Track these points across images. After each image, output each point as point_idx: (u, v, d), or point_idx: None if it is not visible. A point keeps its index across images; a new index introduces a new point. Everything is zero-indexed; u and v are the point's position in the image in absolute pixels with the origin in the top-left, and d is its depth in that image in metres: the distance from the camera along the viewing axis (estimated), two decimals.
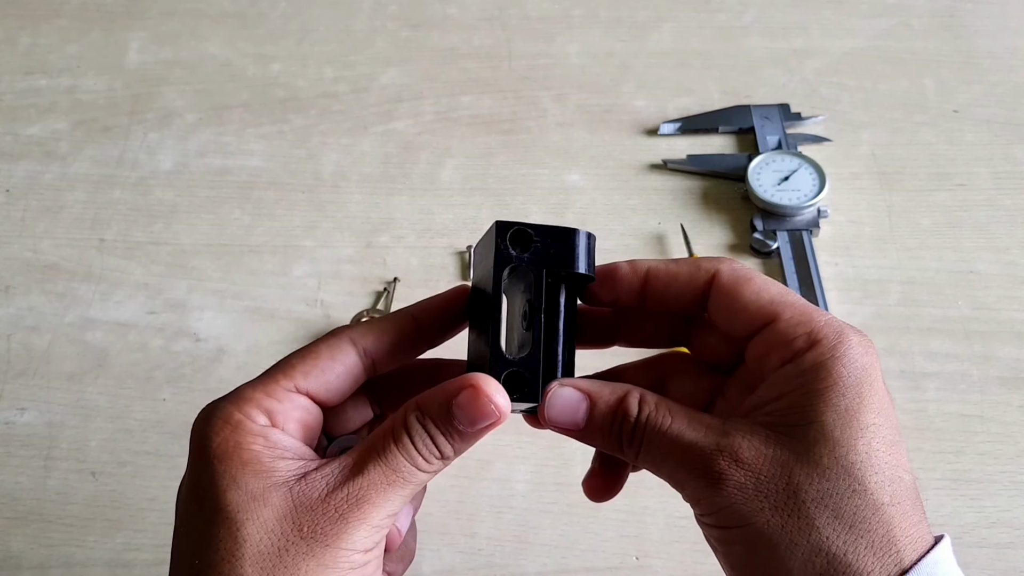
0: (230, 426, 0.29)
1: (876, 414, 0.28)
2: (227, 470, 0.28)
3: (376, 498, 0.29)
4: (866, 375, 0.29)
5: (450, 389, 0.30)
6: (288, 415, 0.30)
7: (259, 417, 0.30)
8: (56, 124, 0.67)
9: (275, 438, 0.30)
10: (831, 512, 0.27)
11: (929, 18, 0.73)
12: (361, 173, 0.64)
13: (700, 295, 0.32)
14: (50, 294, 0.57)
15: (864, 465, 0.28)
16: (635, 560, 0.45)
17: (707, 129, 0.65)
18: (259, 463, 0.29)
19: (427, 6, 0.76)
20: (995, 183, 0.61)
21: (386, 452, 0.29)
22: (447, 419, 0.30)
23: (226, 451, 0.29)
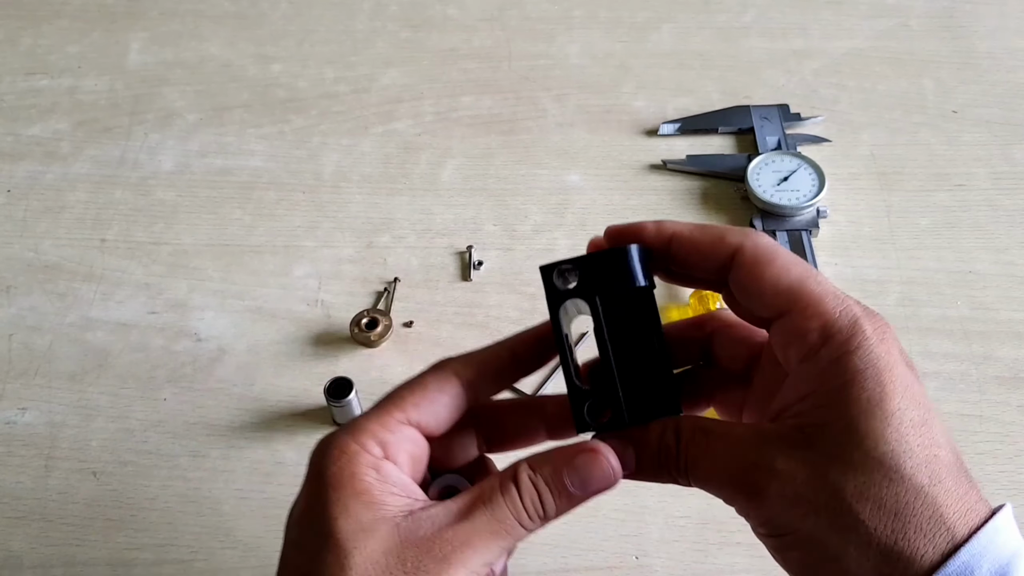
0: (346, 456, 0.31)
1: (900, 399, 0.29)
2: (340, 498, 0.30)
3: (478, 544, 0.30)
4: (883, 362, 0.29)
5: (567, 451, 0.32)
6: (400, 447, 0.32)
7: (374, 448, 0.31)
8: (57, 124, 0.68)
9: (387, 471, 0.31)
10: (873, 504, 0.28)
11: (928, 19, 0.73)
12: (362, 173, 0.64)
13: (722, 267, 0.32)
14: (51, 294, 0.57)
15: (896, 454, 0.28)
16: (635, 559, 0.45)
17: (707, 129, 0.66)
18: (370, 495, 0.30)
19: (427, 7, 0.76)
20: (994, 183, 0.62)
21: (493, 502, 0.31)
22: (558, 479, 0.31)
23: (341, 480, 0.30)
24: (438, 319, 0.55)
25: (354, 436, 0.31)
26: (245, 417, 0.51)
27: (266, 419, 0.51)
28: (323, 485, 0.30)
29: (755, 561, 0.45)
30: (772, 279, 0.31)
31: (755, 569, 0.45)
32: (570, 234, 0.60)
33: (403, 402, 0.32)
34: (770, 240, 0.32)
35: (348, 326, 0.55)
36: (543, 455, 0.32)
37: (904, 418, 0.28)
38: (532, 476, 0.31)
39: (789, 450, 0.29)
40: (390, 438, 0.31)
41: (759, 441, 0.30)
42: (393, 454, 0.31)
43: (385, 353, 0.54)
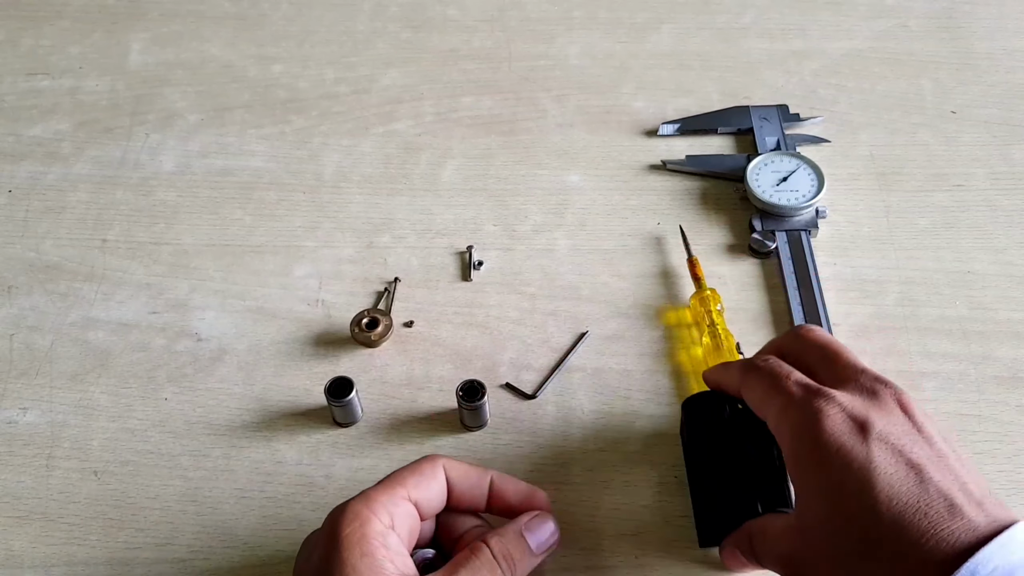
0: (360, 520, 0.36)
1: (838, 472, 0.35)
2: (350, 558, 0.35)
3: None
4: (799, 444, 0.37)
5: (518, 520, 0.40)
6: (403, 521, 0.37)
7: (384, 518, 0.36)
8: (58, 125, 0.68)
9: (391, 541, 0.36)
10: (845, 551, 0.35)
11: (927, 20, 0.73)
12: (362, 174, 0.64)
13: None
14: (52, 294, 0.57)
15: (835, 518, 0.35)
16: (635, 559, 0.45)
17: (706, 130, 0.66)
18: (374, 558, 0.35)
19: (427, 8, 0.76)
20: (993, 183, 0.62)
21: (469, 562, 0.37)
22: (519, 540, 0.39)
23: (353, 540, 0.35)
24: (438, 319, 0.56)
25: (368, 505, 0.36)
26: (246, 417, 0.51)
27: (267, 419, 0.51)
28: (337, 543, 0.35)
29: None
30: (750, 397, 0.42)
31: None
32: (570, 234, 0.60)
33: (406, 482, 0.38)
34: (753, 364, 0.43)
35: (348, 326, 0.55)
36: (503, 528, 0.40)
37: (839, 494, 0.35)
38: (500, 540, 0.38)
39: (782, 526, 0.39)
40: (396, 511, 0.37)
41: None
42: (398, 526, 0.37)
43: (385, 353, 0.54)
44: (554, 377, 0.52)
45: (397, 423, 0.51)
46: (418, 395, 0.52)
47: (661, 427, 0.50)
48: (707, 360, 0.52)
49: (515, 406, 0.51)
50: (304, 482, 0.49)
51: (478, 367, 0.53)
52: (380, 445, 0.50)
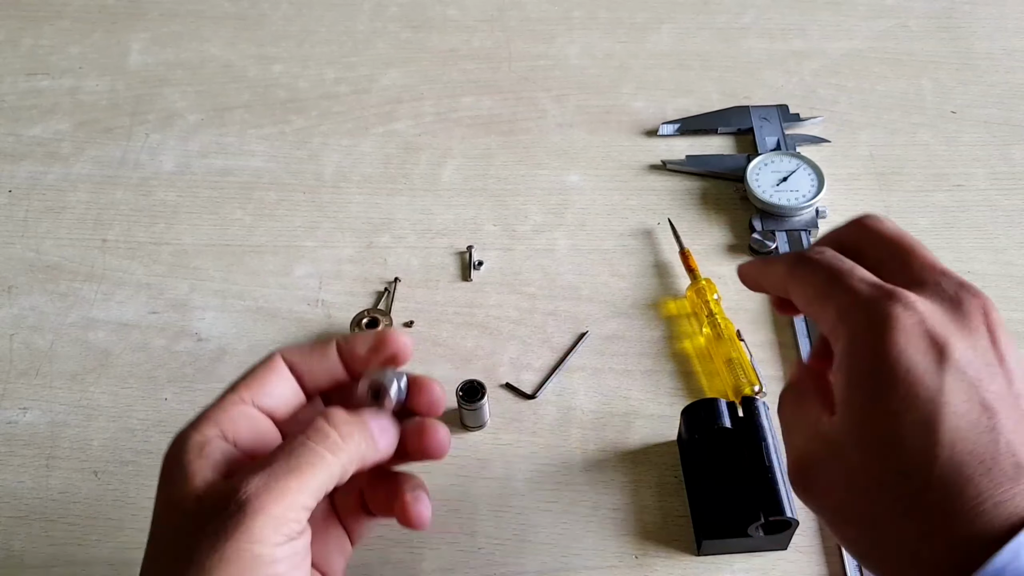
0: (175, 442, 0.32)
1: (900, 398, 0.29)
2: (163, 479, 0.32)
3: (281, 492, 0.30)
4: (859, 354, 0.30)
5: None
6: (237, 427, 0.33)
7: (209, 429, 0.32)
8: (58, 125, 0.68)
9: (213, 449, 0.32)
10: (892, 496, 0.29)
11: (927, 20, 0.73)
12: (362, 174, 0.64)
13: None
14: (52, 294, 0.57)
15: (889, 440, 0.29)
16: (635, 559, 0.45)
17: (706, 130, 0.66)
18: (186, 471, 0.31)
19: (427, 8, 0.76)
20: (993, 183, 0.62)
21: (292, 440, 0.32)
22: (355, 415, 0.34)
23: (166, 464, 0.32)
24: (438, 319, 0.56)
25: (193, 424, 0.33)
26: None
27: None
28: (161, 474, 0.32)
29: (755, 561, 0.45)
30: (801, 295, 0.33)
31: (755, 569, 0.45)
32: (570, 234, 0.60)
33: (237, 388, 0.34)
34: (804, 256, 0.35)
35: (348, 326, 0.55)
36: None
37: (896, 424, 0.29)
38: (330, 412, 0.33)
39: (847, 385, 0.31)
40: (225, 419, 0.33)
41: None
42: (231, 431, 0.33)
43: None
44: (554, 377, 0.52)
45: None
46: None
47: (661, 427, 0.50)
48: (710, 349, 0.52)
49: (515, 406, 0.51)
50: None
51: (478, 367, 0.53)
52: None
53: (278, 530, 0.29)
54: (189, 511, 0.30)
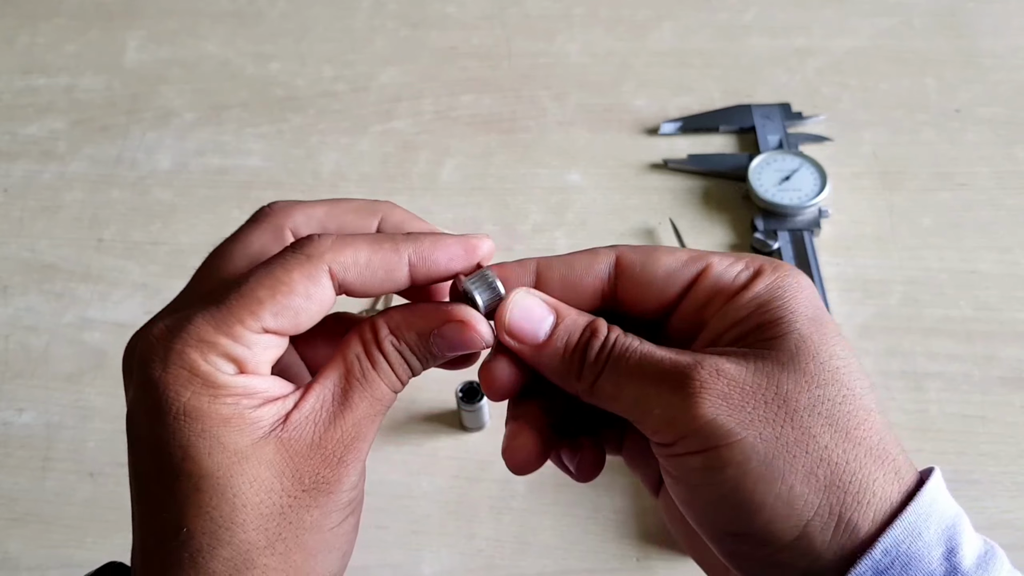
0: (199, 379, 0.25)
1: (834, 324, 0.27)
2: (205, 428, 0.25)
3: (367, 431, 0.27)
4: (814, 292, 0.28)
5: (432, 316, 0.28)
6: (258, 359, 0.27)
7: (226, 366, 0.26)
8: (54, 123, 0.67)
9: (251, 386, 0.26)
10: (826, 420, 0.25)
11: (930, 17, 0.73)
12: (360, 172, 0.63)
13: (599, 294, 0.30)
14: (48, 294, 0.57)
15: (847, 370, 0.26)
16: (635, 561, 0.45)
17: (708, 128, 0.65)
18: (240, 417, 0.26)
19: (426, 5, 0.75)
20: (997, 182, 0.61)
21: (368, 381, 0.28)
22: (424, 345, 0.28)
23: (200, 408, 0.25)
24: None
25: (200, 352, 0.26)
26: None
27: None
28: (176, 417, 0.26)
29: None
30: (665, 265, 0.29)
31: None
32: (570, 233, 0.59)
33: (260, 308, 0.26)
34: (631, 246, 0.30)
35: None
36: (403, 316, 0.28)
37: (845, 345, 0.27)
38: (397, 345, 0.28)
39: (736, 358, 0.26)
40: (245, 353, 0.26)
41: (700, 352, 0.27)
42: (252, 368, 0.26)
43: None
44: None
45: (396, 424, 0.50)
46: (418, 396, 0.51)
47: None
48: None
49: None
50: None
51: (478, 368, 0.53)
52: (379, 447, 0.50)
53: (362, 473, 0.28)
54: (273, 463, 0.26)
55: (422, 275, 0.29)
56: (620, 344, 0.28)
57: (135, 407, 0.28)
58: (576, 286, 0.30)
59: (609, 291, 0.30)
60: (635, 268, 0.29)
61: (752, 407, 0.25)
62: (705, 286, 0.28)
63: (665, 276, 0.29)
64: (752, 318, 0.27)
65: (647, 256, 0.29)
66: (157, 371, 0.26)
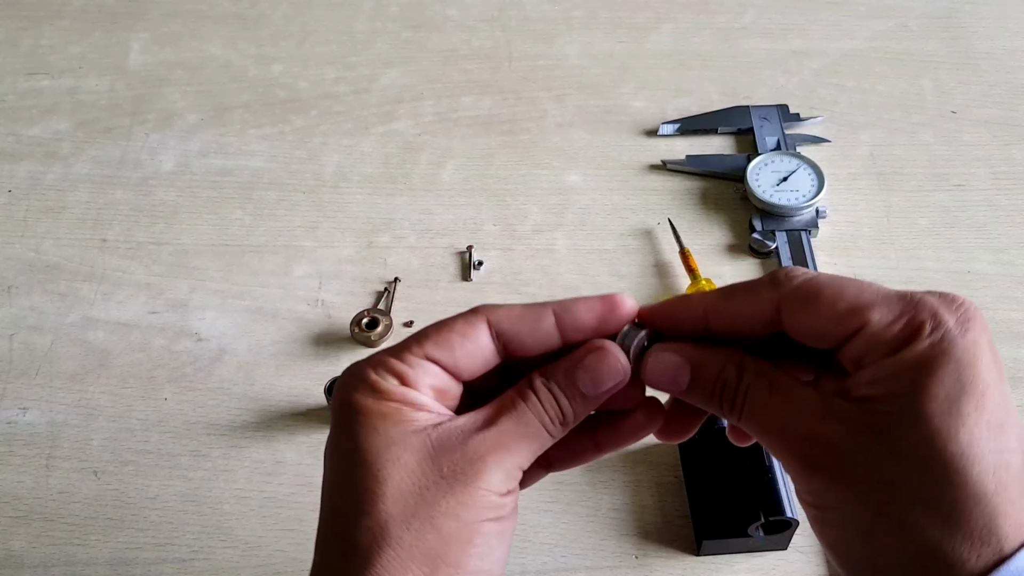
0: (367, 384, 0.31)
1: (979, 398, 0.27)
2: (367, 420, 0.30)
3: (510, 444, 0.31)
4: (967, 358, 0.28)
5: (576, 355, 0.32)
6: (420, 379, 0.31)
7: (390, 379, 0.31)
8: (58, 125, 0.68)
9: (410, 396, 0.31)
10: (927, 506, 0.27)
11: (927, 19, 0.73)
12: (362, 173, 0.64)
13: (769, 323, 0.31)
14: (52, 294, 0.57)
15: (964, 456, 0.27)
16: (635, 559, 0.45)
17: (706, 130, 0.66)
18: (398, 414, 0.30)
19: (427, 7, 0.76)
20: (993, 183, 0.62)
21: (516, 407, 0.31)
22: (571, 381, 0.32)
23: (366, 405, 0.31)
24: (438, 319, 0.55)
25: (373, 367, 0.31)
26: (246, 417, 0.51)
27: (267, 419, 0.51)
28: (349, 411, 0.31)
29: (755, 561, 0.45)
30: (828, 308, 0.29)
31: (755, 569, 0.45)
32: (570, 234, 0.60)
33: (424, 340, 0.32)
34: (803, 273, 0.31)
35: (348, 326, 0.55)
36: (554, 364, 0.32)
37: (980, 419, 0.27)
38: (546, 383, 0.32)
39: (854, 432, 0.28)
40: (407, 371, 0.31)
41: (824, 412, 0.29)
42: (413, 383, 0.31)
43: None
44: None
45: None
46: None
47: None
48: None
49: None
50: (304, 482, 0.49)
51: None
52: None
53: (507, 482, 0.31)
54: (418, 450, 0.30)
55: (568, 326, 0.32)
56: (751, 396, 0.31)
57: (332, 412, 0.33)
58: (740, 325, 0.32)
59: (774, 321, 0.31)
60: (793, 314, 0.31)
61: (858, 486, 0.28)
62: (863, 343, 0.29)
63: (818, 332, 0.30)
64: (889, 384, 0.28)
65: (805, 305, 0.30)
66: (341, 381, 0.32)
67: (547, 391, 0.32)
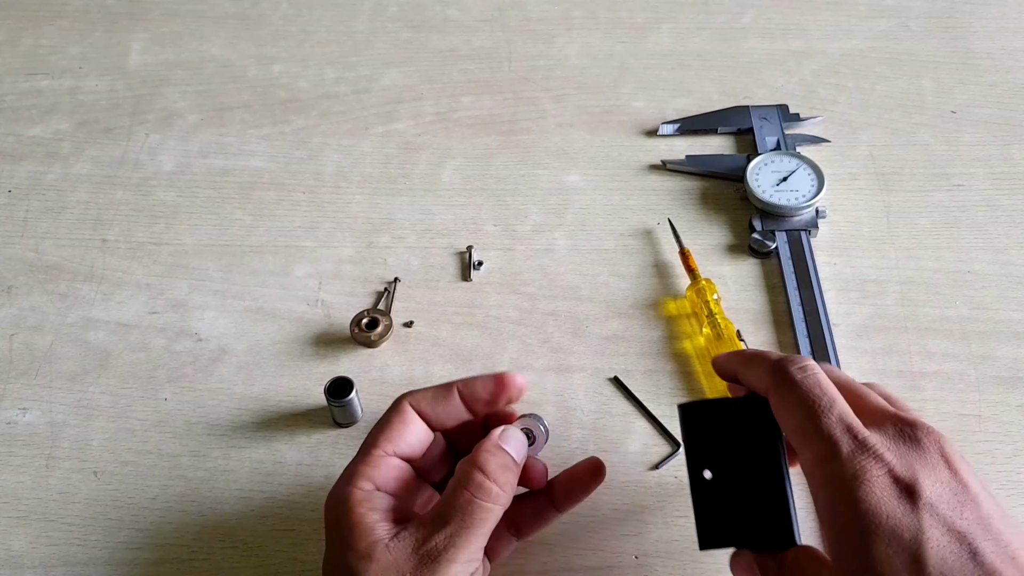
0: (338, 500, 0.38)
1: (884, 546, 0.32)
2: (340, 535, 0.37)
3: (460, 541, 0.36)
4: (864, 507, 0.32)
5: (488, 437, 0.40)
6: (387, 477, 0.39)
7: (365, 484, 0.38)
8: (58, 125, 0.68)
9: (376, 502, 0.38)
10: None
11: (927, 19, 0.73)
12: (362, 174, 0.64)
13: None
14: (52, 294, 0.57)
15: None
16: (634, 559, 0.45)
17: (706, 130, 0.66)
18: (361, 525, 0.37)
19: (427, 8, 0.76)
20: (993, 183, 0.62)
21: (456, 501, 0.37)
22: (500, 457, 0.39)
23: (338, 520, 0.38)
24: (438, 319, 0.56)
25: (347, 481, 0.39)
26: (246, 417, 0.51)
27: (267, 419, 0.51)
28: (329, 528, 0.38)
29: None
30: (784, 419, 0.37)
31: None
32: (570, 234, 0.60)
33: (376, 439, 0.40)
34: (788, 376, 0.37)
35: (348, 326, 0.55)
36: (474, 449, 0.40)
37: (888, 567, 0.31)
38: (469, 467, 0.38)
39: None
40: (376, 473, 0.39)
41: None
42: (382, 483, 0.39)
43: (385, 353, 0.54)
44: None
45: None
46: None
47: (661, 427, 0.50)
48: (710, 349, 0.52)
49: (515, 406, 0.51)
50: (304, 482, 0.49)
51: (478, 367, 0.53)
52: None
53: (466, 569, 0.37)
54: (381, 561, 0.36)
55: (468, 399, 0.41)
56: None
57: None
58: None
59: None
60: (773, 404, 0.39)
61: None
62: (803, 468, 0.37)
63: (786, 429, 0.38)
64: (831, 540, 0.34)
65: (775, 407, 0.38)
66: (328, 503, 0.39)
67: (476, 473, 0.38)
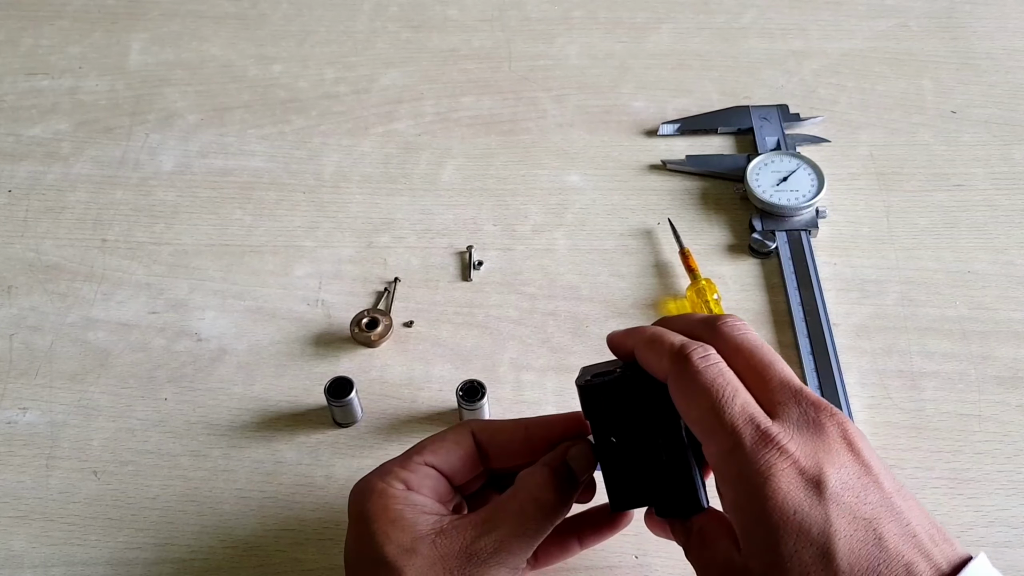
0: (376, 493, 0.37)
1: (792, 543, 0.31)
2: (380, 528, 0.36)
3: (511, 546, 0.36)
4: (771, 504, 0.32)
5: (556, 450, 0.39)
6: (421, 482, 0.38)
7: (397, 484, 0.37)
8: (58, 125, 0.68)
9: (412, 499, 0.37)
10: None
11: (927, 19, 0.73)
12: (362, 173, 0.64)
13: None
14: (52, 294, 0.57)
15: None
16: (634, 559, 0.45)
17: (706, 130, 0.66)
18: (403, 520, 0.36)
19: (427, 7, 0.76)
20: (993, 183, 0.62)
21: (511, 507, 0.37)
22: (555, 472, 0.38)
23: (376, 513, 0.36)
24: (438, 319, 0.56)
25: (380, 476, 0.38)
26: (246, 417, 0.51)
27: (267, 419, 0.51)
28: (364, 521, 0.36)
29: None
30: (684, 410, 0.35)
31: None
32: (570, 234, 0.60)
33: (423, 448, 0.39)
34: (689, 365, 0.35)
35: (348, 326, 0.55)
36: (538, 462, 0.39)
37: (797, 562, 0.31)
38: (532, 476, 0.38)
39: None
40: (410, 476, 0.38)
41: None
42: (415, 487, 0.38)
43: (385, 353, 0.54)
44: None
45: (397, 423, 0.51)
46: (418, 395, 0.52)
47: None
48: None
49: (515, 406, 0.51)
50: (304, 482, 0.49)
51: (478, 367, 0.53)
52: (380, 445, 0.50)
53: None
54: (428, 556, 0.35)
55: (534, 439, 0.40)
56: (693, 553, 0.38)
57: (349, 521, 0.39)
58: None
59: None
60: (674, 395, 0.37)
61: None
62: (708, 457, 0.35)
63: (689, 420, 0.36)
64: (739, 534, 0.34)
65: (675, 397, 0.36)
66: (354, 493, 0.38)
67: (536, 483, 0.37)
